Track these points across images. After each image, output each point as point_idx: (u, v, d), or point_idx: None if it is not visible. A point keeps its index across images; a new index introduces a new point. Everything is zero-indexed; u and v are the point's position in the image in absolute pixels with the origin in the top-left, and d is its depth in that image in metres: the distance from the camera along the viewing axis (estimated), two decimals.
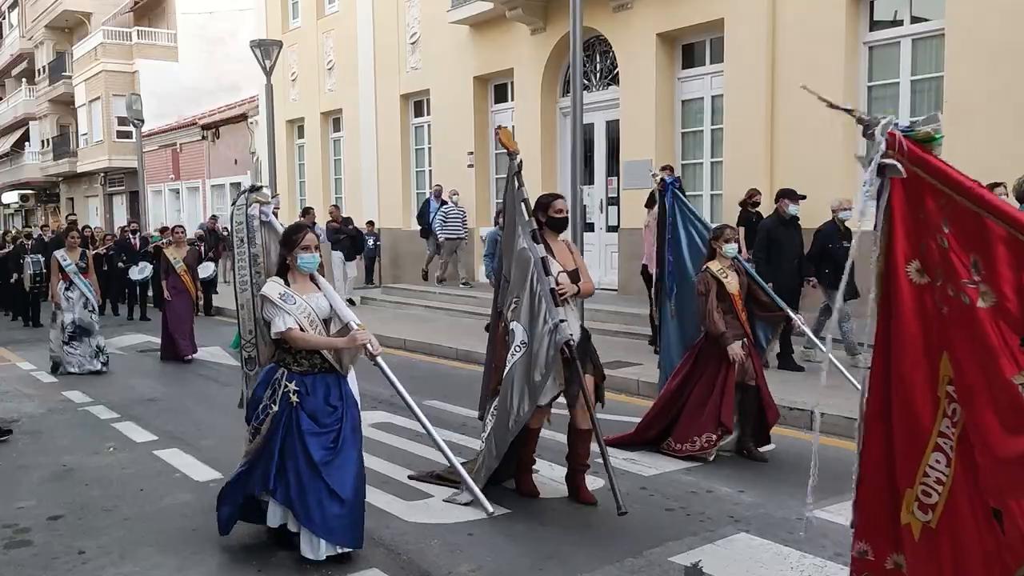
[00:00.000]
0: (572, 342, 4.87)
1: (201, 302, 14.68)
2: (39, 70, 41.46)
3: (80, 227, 18.25)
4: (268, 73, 15.04)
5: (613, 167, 13.92)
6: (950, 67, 9.45)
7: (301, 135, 22.33)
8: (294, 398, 4.31)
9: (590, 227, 13.97)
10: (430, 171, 17.86)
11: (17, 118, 43.71)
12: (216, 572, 4.40)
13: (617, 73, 13.58)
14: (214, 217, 21.61)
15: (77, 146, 37.36)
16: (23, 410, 8.30)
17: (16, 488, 5.83)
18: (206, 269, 15.07)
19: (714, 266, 6.11)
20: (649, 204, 9.85)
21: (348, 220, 16.52)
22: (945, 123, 9.39)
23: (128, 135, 30.28)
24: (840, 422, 6.23)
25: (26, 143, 43.54)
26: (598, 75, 14.22)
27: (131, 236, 17.24)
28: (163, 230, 18.05)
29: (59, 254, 10.36)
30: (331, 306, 4.48)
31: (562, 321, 4.88)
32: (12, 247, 16.61)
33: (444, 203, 15.81)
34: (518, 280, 5.07)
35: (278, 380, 4.36)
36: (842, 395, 6.21)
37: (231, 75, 30.25)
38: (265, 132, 16.26)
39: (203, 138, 28.07)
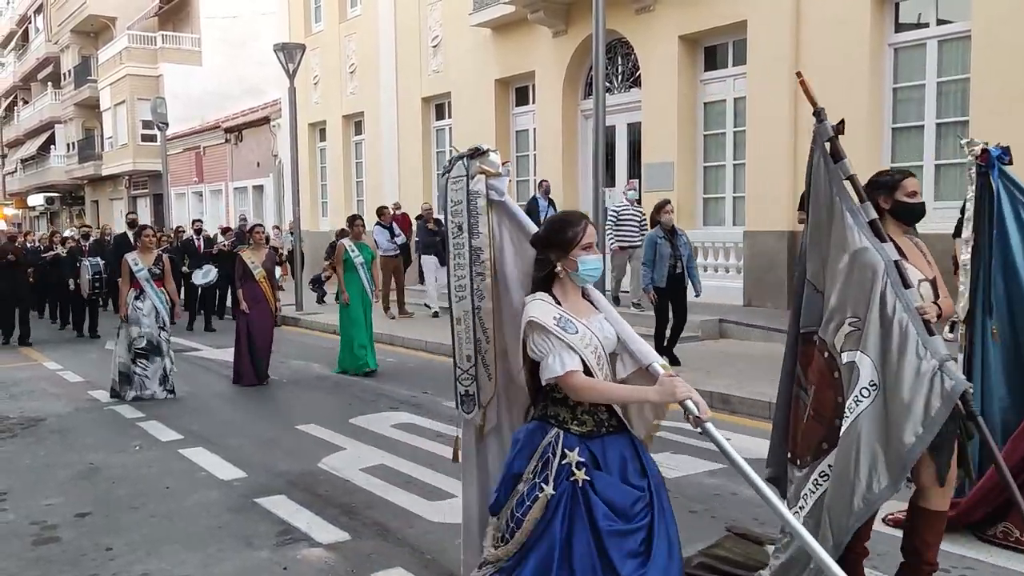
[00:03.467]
0: (970, 391, 3.33)
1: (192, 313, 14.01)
2: (65, 74, 41.95)
3: (156, 226, 15.71)
4: (291, 76, 15.15)
5: (635, 169, 13.90)
6: (976, 69, 9.36)
7: (323, 138, 22.45)
8: (580, 474, 2.81)
9: None
10: None
11: (43, 121, 44.28)
12: (242, 570, 4.42)
13: (639, 75, 13.56)
14: (243, 217, 21.47)
15: (102, 149, 37.76)
16: (50, 409, 8.39)
17: (44, 486, 5.89)
18: (207, 274, 13.96)
19: None
20: (803, 206, 9.62)
21: (439, 222, 15.21)
22: (971, 125, 9.32)
23: (152, 138, 30.59)
24: None
25: (52, 146, 44.06)
26: (620, 77, 14.21)
27: (195, 236, 15.40)
28: (225, 230, 16.98)
29: (131, 258, 8.96)
30: (618, 335, 3.00)
31: (948, 358, 3.32)
32: (66, 250, 14.75)
33: (551, 202, 13.68)
34: (854, 293, 3.44)
35: (551, 446, 2.87)
36: None
37: (254, 79, 30.49)
38: (288, 135, 16.38)
39: (226, 141, 28.29)
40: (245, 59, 32.13)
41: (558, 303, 2.91)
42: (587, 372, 2.82)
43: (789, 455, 3.66)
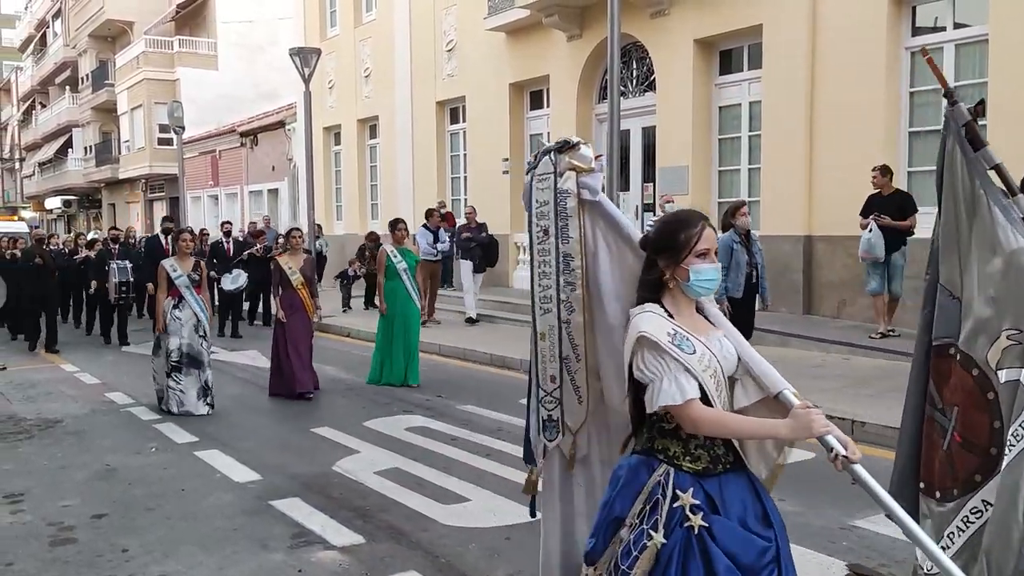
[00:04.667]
0: None
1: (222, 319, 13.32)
2: (82, 78, 42.31)
3: (194, 229, 14.60)
4: (307, 80, 15.22)
5: (649, 173, 13.88)
6: (994, 73, 9.30)
7: (338, 142, 22.54)
8: (696, 519, 2.40)
9: None
10: (465, 178, 17.95)
11: (61, 125, 44.67)
12: (257, 572, 4.43)
13: (654, 79, 13.55)
14: (267, 218, 21.37)
15: (119, 153, 38.05)
16: (67, 411, 8.45)
17: (61, 487, 5.93)
18: (236, 279, 13.45)
19: None
20: (866, 212, 9.33)
21: (483, 226, 14.36)
22: (989, 129, 9.25)
23: (168, 142, 30.78)
24: (885, 432, 6.13)
25: (69, 150, 44.43)
26: (634, 81, 14.20)
27: (224, 239, 14.83)
28: (258, 234, 16.06)
29: (168, 264, 8.36)
30: (739, 356, 2.60)
31: None
32: (93, 252, 14.20)
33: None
34: (1014, 302, 2.93)
35: (660, 486, 2.46)
36: (883, 404, 6.13)
37: (269, 83, 30.68)
38: (303, 139, 16.45)
39: (241, 145, 28.44)
40: (261, 63, 32.33)
41: (670, 317, 2.51)
42: (704, 399, 2.43)
43: (923, 486, 3.13)
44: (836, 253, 10.64)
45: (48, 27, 47.78)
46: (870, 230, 9.14)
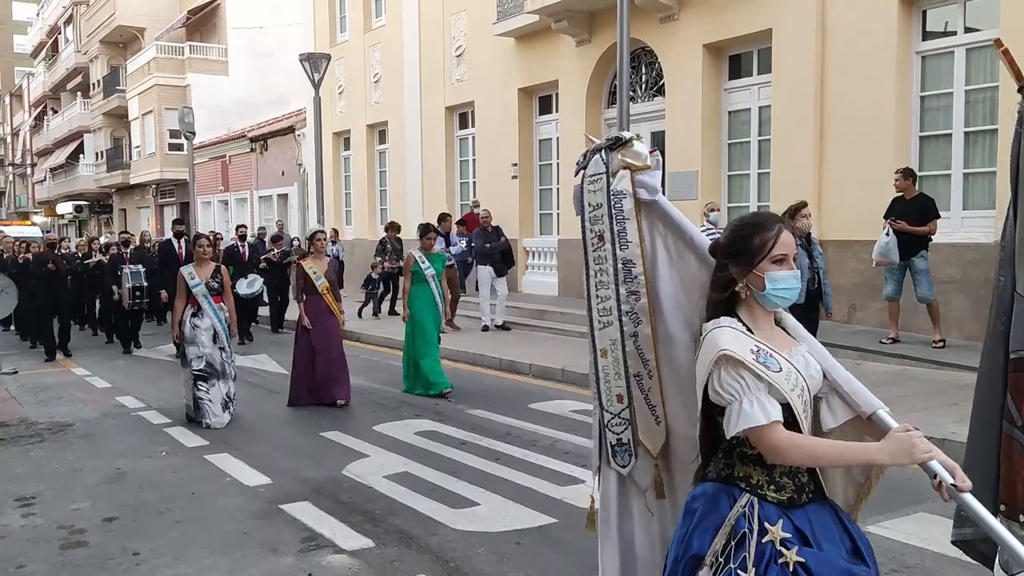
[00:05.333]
0: None
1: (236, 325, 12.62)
2: (94, 84, 42.55)
3: (210, 233, 13.94)
4: (317, 86, 15.25)
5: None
6: (1005, 77, 9.26)
7: (347, 147, 22.60)
8: (790, 555, 2.15)
9: None
10: (474, 183, 17.97)
11: (72, 131, 44.93)
12: (267, 575, 4.45)
13: (663, 84, 13.55)
14: (280, 222, 21.29)
15: (130, 158, 38.25)
16: (78, 414, 8.49)
17: (72, 490, 5.95)
18: (252, 283, 13.36)
19: None
20: (889, 214, 9.09)
21: (499, 230, 14.02)
22: (1000, 134, 9.19)
23: (179, 147, 30.93)
24: None
25: (81, 155, 44.68)
26: (643, 86, 14.21)
27: (239, 243, 14.61)
28: (276, 238, 15.85)
29: (187, 271, 8.05)
30: (825, 373, 2.37)
31: None
32: (107, 257, 13.91)
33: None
34: None
35: (745, 518, 2.21)
36: (898, 411, 6.08)
37: (279, 88, 30.80)
38: (312, 144, 16.48)
39: (251, 150, 28.54)
40: (270, 69, 32.45)
41: (749, 331, 2.26)
42: (791, 421, 2.18)
43: (1003, 509, 2.89)
44: (846, 258, 10.61)
45: (60, 33, 48.09)
46: (887, 234, 9.03)
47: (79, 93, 44.93)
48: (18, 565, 4.60)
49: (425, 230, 9.42)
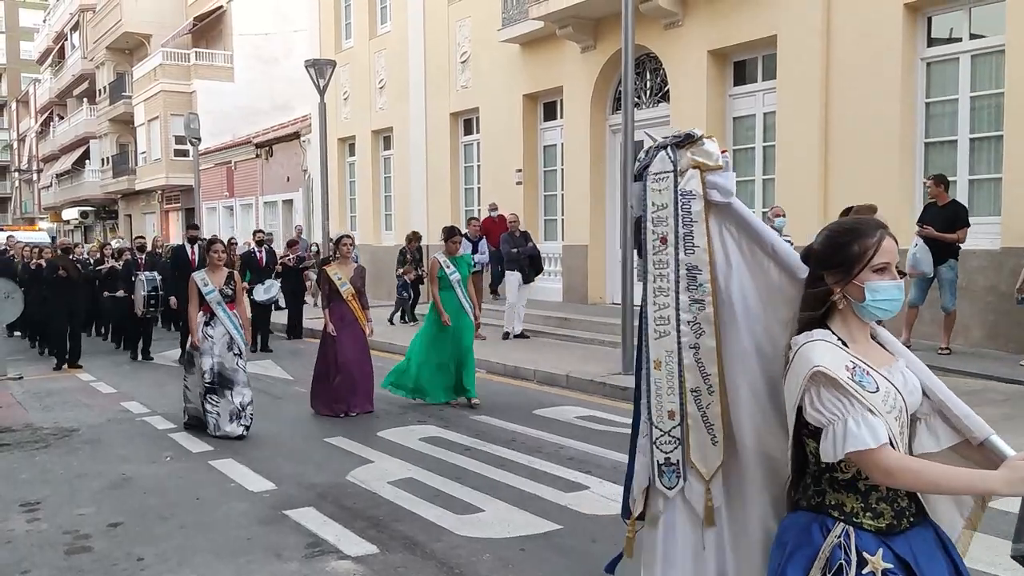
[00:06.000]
0: None
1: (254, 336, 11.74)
2: (100, 90, 42.71)
3: (226, 239, 13.62)
4: (322, 92, 15.30)
5: None
6: (1010, 83, 9.26)
7: (352, 153, 22.64)
8: None
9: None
10: (479, 188, 17.98)
11: (78, 137, 45.08)
12: None
13: (667, 90, 13.55)
14: (299, 228, 21.11)
15: (136, 164, 38.35)
16: (83, 420, 8.50)
17: (77, 495, 5.96)
18: (268, 290, 13.10)
19: None
20: (923, 220, 8.98)
21: (527, 235, 13.70)
22: (1005, 140, 9.15)
23: (185, 153, 31.01)
24: None
25: (87, 161, 44.82)
26: (648, 92, 14.21)
27: (256, 248, 14.32)
28: (291, 244, 15.71)
29: (199, 277, 7.78)
30: (925, 392, 2.20)
31: None
32: (120, 263, 13.66)
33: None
34: None
35: (842, 549, 2.04)
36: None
37: (284, 94, 30.90)
38: (317, 150, 16.52)
39: (257, 156, 28.62)
40: (276, 75, 32.56)
41: (844, 345, 2.08)
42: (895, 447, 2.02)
43: None
44: None
45: (66, 40, 48.27)
46: (916, 244, 8.87)
47: (85, 99, 45.08)
48: (23, 570, 4.60)
49: (450, 233, 8.98)
